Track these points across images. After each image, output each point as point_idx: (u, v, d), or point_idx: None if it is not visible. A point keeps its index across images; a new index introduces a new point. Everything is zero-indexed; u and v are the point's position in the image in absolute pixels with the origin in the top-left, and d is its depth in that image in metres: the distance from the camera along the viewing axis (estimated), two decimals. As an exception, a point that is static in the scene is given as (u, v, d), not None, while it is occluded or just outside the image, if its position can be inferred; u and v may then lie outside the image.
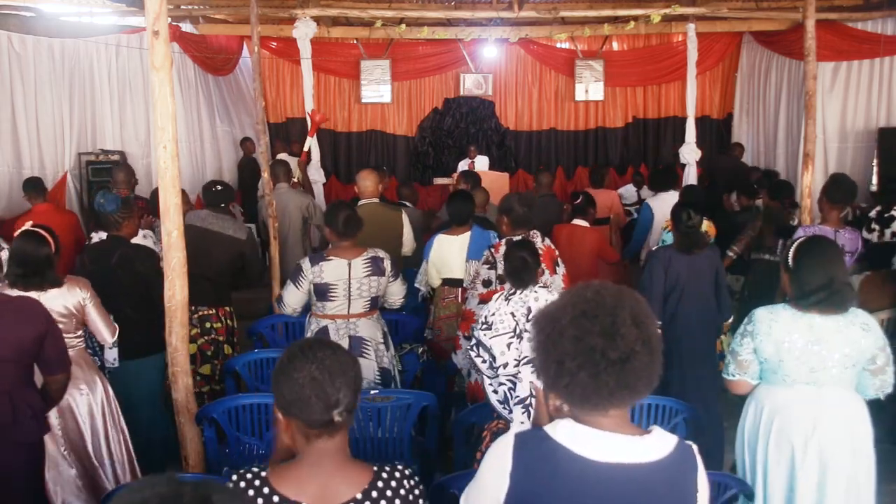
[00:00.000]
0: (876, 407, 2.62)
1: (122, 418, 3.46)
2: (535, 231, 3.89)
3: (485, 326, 2.95)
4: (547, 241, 3.92)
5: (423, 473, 3.40)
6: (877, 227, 5.32)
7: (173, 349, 2.92)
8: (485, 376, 3.01)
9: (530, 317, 2.90)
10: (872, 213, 5.45)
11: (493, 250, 3.85)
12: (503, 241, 3.84)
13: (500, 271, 3.77)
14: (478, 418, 3.37)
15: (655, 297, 3.91)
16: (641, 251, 5.87)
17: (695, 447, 1.50)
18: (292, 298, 3.65)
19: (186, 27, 8.22)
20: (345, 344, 3.53)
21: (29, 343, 2.62)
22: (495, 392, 2.96)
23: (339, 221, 3.58)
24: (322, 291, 3.57)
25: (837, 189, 4.39)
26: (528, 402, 2.80)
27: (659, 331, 1.45)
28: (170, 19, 3.14)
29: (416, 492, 1.65)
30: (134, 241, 4.10)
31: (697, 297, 3.93)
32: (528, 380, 2.81)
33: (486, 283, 3.85)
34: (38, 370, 2.79)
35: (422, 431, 3.50)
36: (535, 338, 1.46)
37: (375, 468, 1.63)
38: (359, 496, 1.56)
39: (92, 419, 3.32)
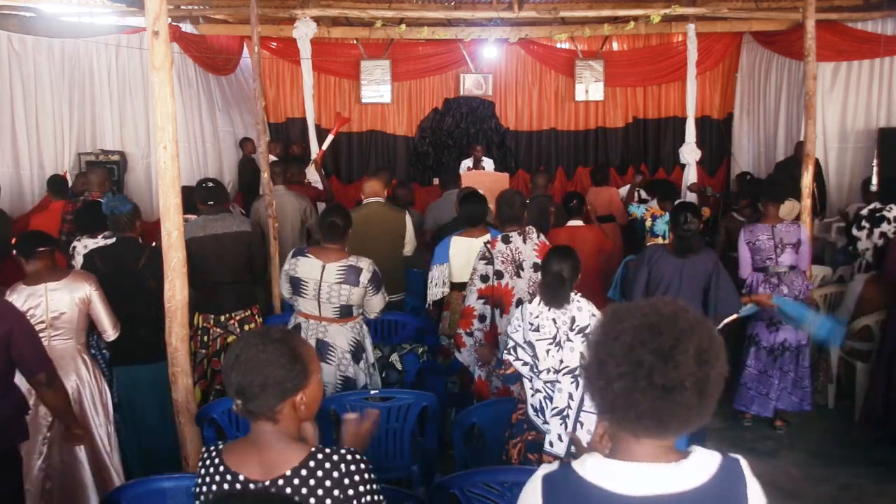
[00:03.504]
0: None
1: (111, 423, 3.45)
2: (530, 227, 3.89)
3: (532, 327, 2.94)
4: (542, 237, 3.92)
5: (423, 473, 3.41)
6: (867, 224, 5.34)
7: (173, 349, 2.92)
8: (525, 380, 2.99)
9: (573, 326, 2.89)
10: (864, 211, 5.47)
11: (489, 246, 3.86)
12: (499, 237, 3.88)
13: (496, 266, 3.80)
14: (478, 418, 3.37)
15: (636, 290, 3.99)
16: None
17: (742, 460, 1.40)
18: (282, 286, 3.75)
19: (186, 27, 8.22)
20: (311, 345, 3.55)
21: None
22: (531, 397, 2.94)
23: (323, 223, 3.65)
24: (295, 285, 3.61)
25: (772, 190, 4.73)
26: (565, 412, 2.79)
27: (728, 367, 1.33)
28: (170, 19, 3.14)
29: (356, 478, 1.68)
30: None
31: (681, 299, 3.95)
32: (567, 390, 2.80)
33: (484, 279, 3.85)
34: (20, 374, 2.77)
35: (422, 431, 3.50)
36: (595, 331, 1.37)
37: (313, 449, 1.70)
38: (288, 472, 1.66)
39: (83, 415, 3.31)
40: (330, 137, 7.70)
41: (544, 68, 10.46)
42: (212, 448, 1.77)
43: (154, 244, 4.49)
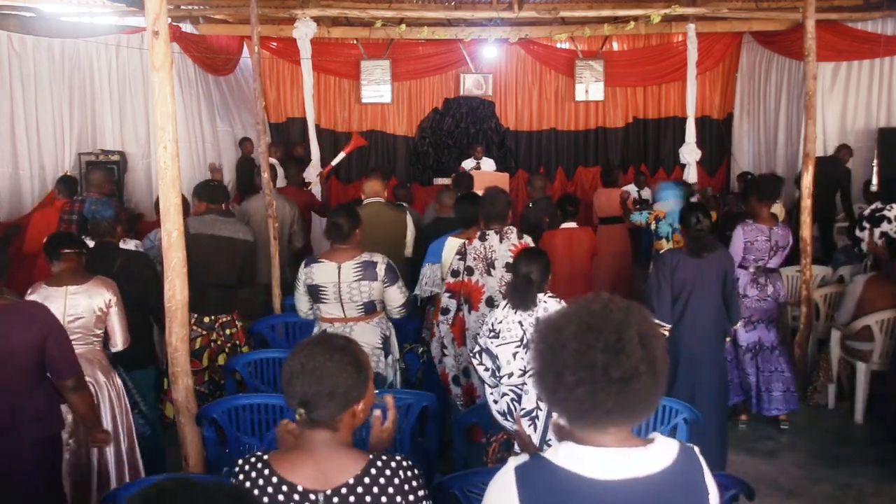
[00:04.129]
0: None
1: (131, 421, 3.47)
2: (510, 227, 3.90)
3: (492, 334, 2.93)
4: (526, 238, 3.91)
5: (423, 473, 3.40)
6: (868, 225, 5.35)
7: (173, 349, 2.92)
8: (486, 385, 3.00)
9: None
10: (866, 212, 5.47)
11: (466, 242, 3.90)
12: (478, 234, 3.91)
13: (468, 262, 3.84)
14: (478, 418, 3.37)
15: (663, 300, 3.93)
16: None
17: (696, 448, 1.47)
18: (299, 301, 3.74)
19: (186, 27, 8.22)
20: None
21: (29, 347, 2.65)
22: (496, 402, 2.94)
23: (327, 225, 3.67)
24: (314, 293, 3.60)
25: (764, 187, 4.70)
26: (534, 414, 2.78)
27: (666, 342, 1.42)
28: (170, 19, 3.14)
29: (414, 483, 1.70)
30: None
31: (704, 301, 3.94)
32: (535, 392, 2.80)
33: (455, 274, 3.88)
34: (50, 376, 2.81)
35: (422, 432, 3.50)
36: (536, 346, 1.41)
37: (371, 456, 1.69)
38: (351, 481, 1.64)
39: (104, 417, 3.31)
40: (341, 155, 7.71)
41: (544, 68, 10.46)
42: (252, 458, 1.70)
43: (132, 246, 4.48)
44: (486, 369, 2.97)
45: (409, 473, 1.70)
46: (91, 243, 4.23)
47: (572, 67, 10.13)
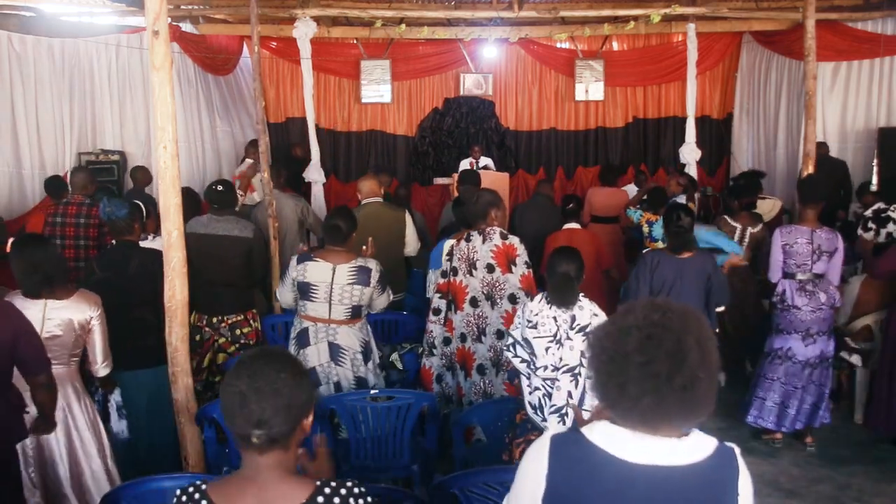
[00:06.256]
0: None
1: (107, 447, 3.28)
2: (493, 228, 3.91)
3: (530, 325, 2.95)
4: (511, 239, 3.90)
5: (422, 473, 3.41)
6: (873, 225, 5.34)
7: (173, 349, 2.93)
8: (522, 377, 3.01)
9: (573, 325, 2.89)
10: (869, 213, 5.46)
11: (454, 243, 3.95)
12: (464, 235, 3.95)
13: (454, 263, 3.89)
14: (478, 418, 3.38)
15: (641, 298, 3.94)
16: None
17: (737, 450, 1.48)
18: (283, 293, 3.74)
19: (186, 27, 8.22)
20: (323, 348, 3.54)
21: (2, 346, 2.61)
22: (530, 394, 2.95)
23: (325, 226, 3.68)
24: (304, 290, 3.59)
25: (809, 189, 4.50)
26: (563, 410, 2.81)
27: (717, 342, 1.44)
28: (170, 19, 3.14)
29: None
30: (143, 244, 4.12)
31: (683, 301, 3.92)
32: (567, 388, 2.81)
33: (444, 274, 3.94)
34: (19, 373, 2.76)
35: (422, 431, 3.51)
36: (596, 357, 1.43)
37: (318, 483, 1.58)
38: None
39: (69, 443, 3.14)
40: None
41: (544, 68, 10.45)
42: (190, 488, 1.60)
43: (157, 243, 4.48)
44: (522, 360, 2.98)
45: (360, 501, 1.58)
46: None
47: (572, 67, 10.12)
